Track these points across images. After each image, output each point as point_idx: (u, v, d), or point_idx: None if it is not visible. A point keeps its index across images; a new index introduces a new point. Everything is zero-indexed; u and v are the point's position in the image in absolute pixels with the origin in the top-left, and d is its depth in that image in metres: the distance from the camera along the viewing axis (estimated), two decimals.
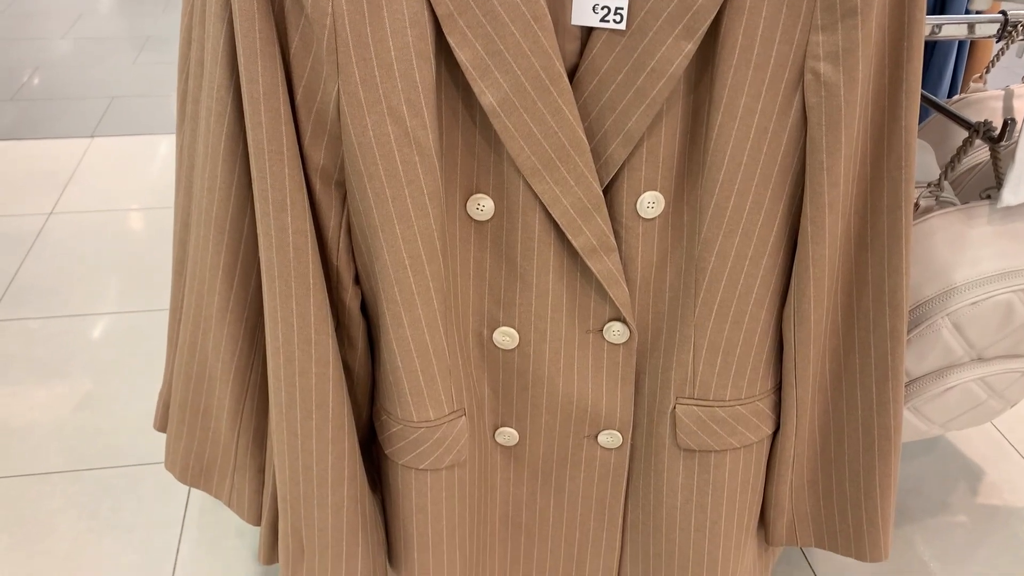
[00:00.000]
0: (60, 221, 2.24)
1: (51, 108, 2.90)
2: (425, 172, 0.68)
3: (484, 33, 0.64)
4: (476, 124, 0.70)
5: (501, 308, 0.78)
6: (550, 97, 0.67)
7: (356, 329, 0.77)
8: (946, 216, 0.92)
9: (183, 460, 0.88)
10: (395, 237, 0.69)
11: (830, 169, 0.70)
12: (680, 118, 0.71)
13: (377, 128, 0.66)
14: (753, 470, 0.84)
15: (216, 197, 0.72)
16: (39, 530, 1.36)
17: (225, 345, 0.78)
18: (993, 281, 0.89)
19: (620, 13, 0.66)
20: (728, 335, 0.77)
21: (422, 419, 0.77)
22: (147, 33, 3.60)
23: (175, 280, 0.84)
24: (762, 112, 0.68)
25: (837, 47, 0.66)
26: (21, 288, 1.96)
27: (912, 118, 0.70)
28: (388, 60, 0.64)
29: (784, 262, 0.76)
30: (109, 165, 2.54)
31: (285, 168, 0.67)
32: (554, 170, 0.70)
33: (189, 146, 0.77)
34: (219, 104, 0.68)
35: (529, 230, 0.74)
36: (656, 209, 0.74)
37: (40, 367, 1.72)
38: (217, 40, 0.66)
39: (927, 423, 1.00)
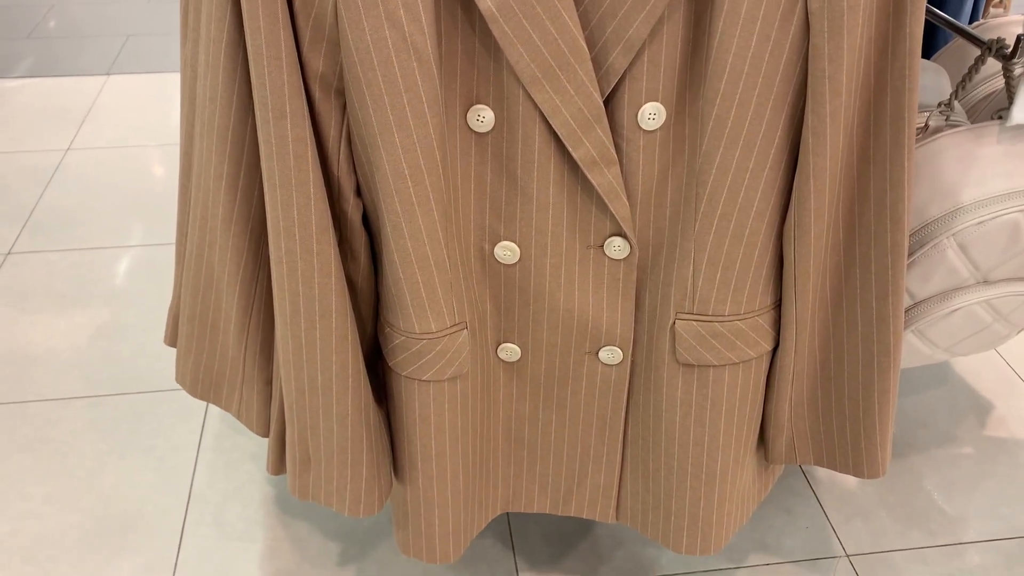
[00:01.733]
0: (77, 157, 2.26)
1: (67, 46, 2.90)
2: (424, 79, 0.68)
3: None
4: (475, 31, 0.70)
5: (502, 222, 0.78)
6: (549, 4, 0.66)
7: (358, 242, 0.78)
8: (955, 135, 0.91)
9: (192, 373, 0.90)
10: (394, 146, 0.70)
11: (832, 78, 0.69)
12: (682, 25, 0.70)
13: (375, 33, 0.65)
14: (752, 386, 0.85)
15: (218, 106, 0.72)
16: (61, 451, 1.40)
17: (231, 256, 0.79)
18: (1000, 201, 0.88)
19: None
20: (728, 250, 0.77)
21: (424, 331, 0.78)
22: None
23: (181, 193, 0.85)
24: (764, 19, 0.67)
25: None
26: (40, 221, 1.99)
27: (917, 26, 0.69)
28: None
29: (785, 175, 0.75)
30: (125, 102, 2.54)
31: (284, 75, 0.67)
32: (554, 79, 0.69)
33: (191, 57, 0.77)
34: (218, 10, 0.68)
35: (529, 142, 0.74)
36: (657, 121, 0.73)
37: (59, 297, 1.75)
38: None
39: (931, 347, 1.00)
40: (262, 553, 1.23)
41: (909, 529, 1.27)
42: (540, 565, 1.20)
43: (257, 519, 1.28)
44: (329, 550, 1.23)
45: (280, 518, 1.28)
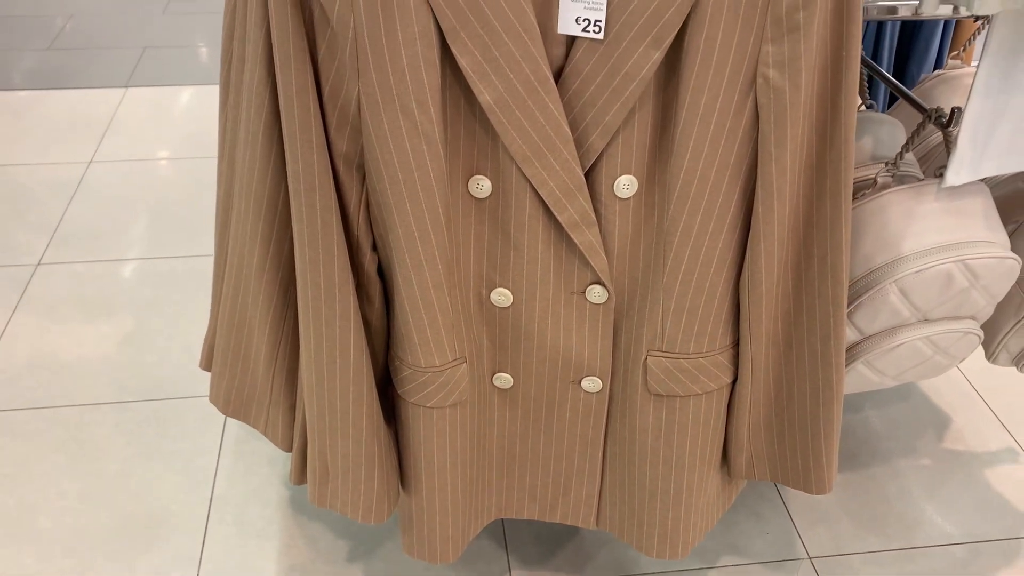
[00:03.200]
0: (100, 169, 2.38)
1: (86, 57, 3.02)
2: (432, 159, 0.80)
3: (482, 43, 0.76)
4: (476, 117, 0.82)
5: (497, 272, 0.91)
6: (538, 96, 0.79)
7: (373, 288, 0.90)
8: (899, 193, 1.03)
9: (225, 396, 1.03)
10: (406, 213, 0.82)
11: (778, 159, 0.82)
12: (651, 112, 0.83)
13: (391, 123, 0.78)
14: (715, 414, 0.98)
15: (256, 176, 0.85)
16: (91, 452, 1.53)
17: (262, 300, 0.91)
18: (936, 252, 1.00)
19: (599, 25, 0.77)
20: (692, 298, 0.89)
21: (429, 365, 0.91)
22: None
23: (218, 241, 0.97)
24: (720, 110, 0.80)
25: (784, 57, 0.77)
26: (67, 233, 2.11)
27: (851, 116, 0.81)
28: (401, 66, 0.76)
29: (740, 237, 0.88)
30: (144, 115, 2.66)
31: (314, 155, 0.80)
32: (542, 157, 0.82)
33: (231, 128, 0.89)
34: (258, 98, 0.80)
35: (521, 207, 0.86)
36: (631, 190, 0.86)
37: (87, 307, 1.88)
38: (257, 44, 0.78)
39: (880, 376, 1.13)
40: (279, 550, 1.36)
41: (868, 534, 1.40)
42: (531, 564, 1.33)
43: (275, 518, 1.41)
44: (340, 548, 1.36)
45: (295, 518, 1.41)
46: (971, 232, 1.02)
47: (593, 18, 0.77)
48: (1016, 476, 1.50)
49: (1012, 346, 1.20)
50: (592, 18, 0.77)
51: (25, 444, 1.54)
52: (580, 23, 0.78)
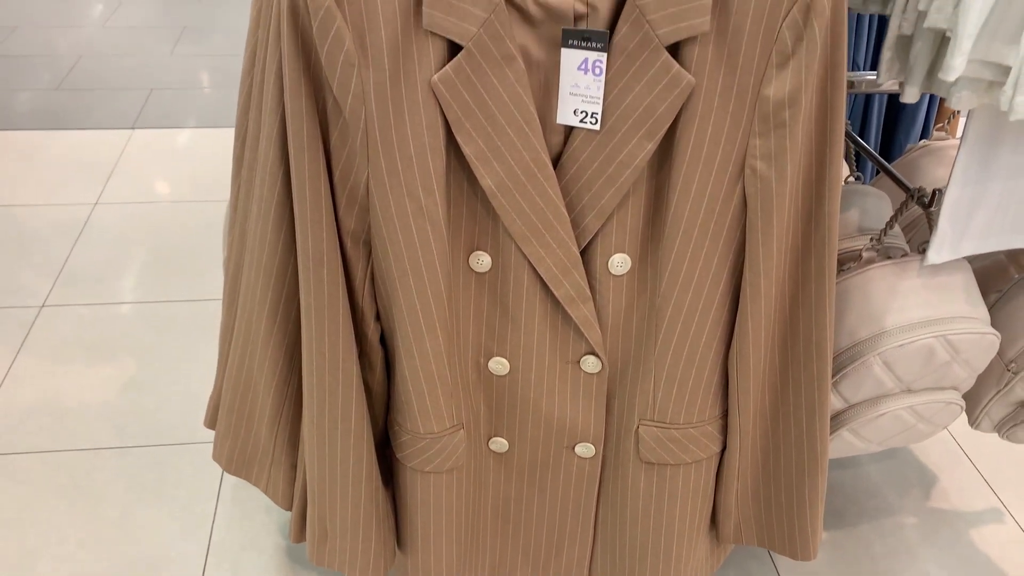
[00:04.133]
0: (105, 211, 2.42)
1: (93, 98, 3.07)
2: (435, 238, 0.84)
3: (485, 133, 0.80)
4: (478, 198, 0.87)
5: (496, 342, 0.94)
6: (537, 182, 0.83)
7: (376, 356, 0.94)
8: (883, 268, 1.07)
9: (228, 454, 1.06)
10: (409, 288, 0.86)
11: (765, 244, 0.86)
12: (644, 196, 0.87)
13: (398, 205, 0.82)
14: (703, 481, 1.01)
15: (266, 249, 0.88)
16: (91, 498, 1.55)
17: (268, 365, 0.95)
18: (918, 327, 1.04)
19: (595, 117, 0.82)
20: (682, 371, 0.93)
21: (427, 431, 0.94)
22: (184, 23, 3.76)
23: (226, 306, 1.01)
24: (710, 197, 0.84)
25: (770, 150, 0.81)
26: (72, 275, 2.15)
27: (834, 204, 0.85)
28: (408, 154, 0.80)
29: (728, 314, 0.92)
30: (149, 157, 2.71)
31: (323, 232, 0.84)
32: (540, 237, 0.86)
33: (244, 201, 0.93)
34: (271, 178, 0.84)
35: (519, 282, 0.90)
36: (624, 268, 0.90)
37: (90, 350, 1.91)
38: (272, 128, 0.83)
39: (865, 442, 1.16)
40: None
41: None
42: None
43: (270, 566, 1.43)
44: None
45: (291, 567, 1.43)
46: (952, 308, 1.06)
47: (590, 111, 0.82)
48: (1001, 536, 1.53)
49: (994, 413, 1.24)
50: (589, 111, 0.82)
51: (26, 489, 1.56)
52: (578, 115, 0.83)
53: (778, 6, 0.76)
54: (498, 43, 0.77)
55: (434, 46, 0.77)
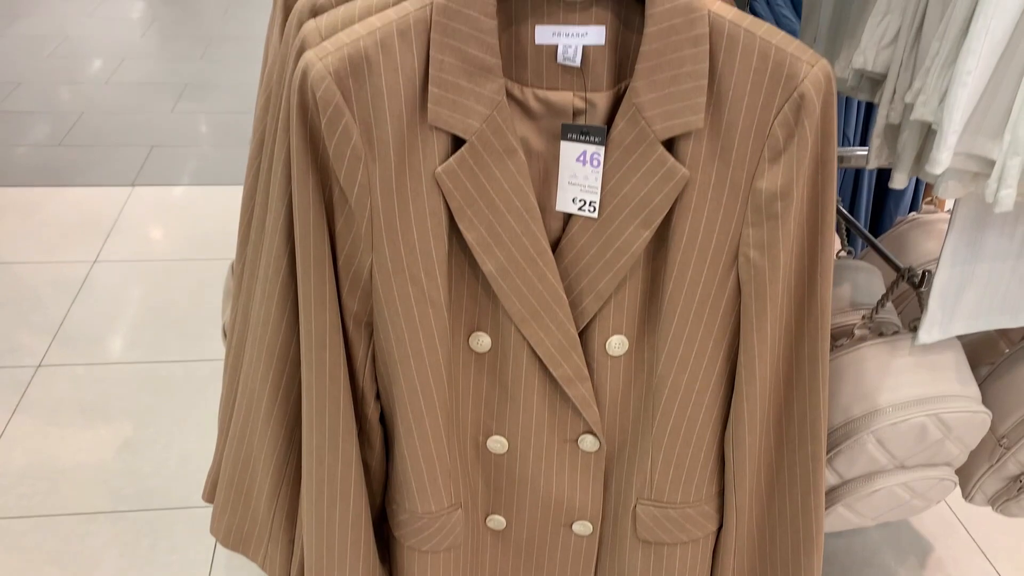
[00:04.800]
0: (104, 269, 2.44)
1: (95, 155, 3.11)
2: (436, 321, 0.86)
3: (486, 220, 0.83)
4: (479, 281, 0.88)
5: (494, 420, 0.95)
6: (537, 267, 0.85)
7: (375, 435, 0.95)
8: (875, 347, 1.09)
9: (226, 528, 1.06)
10: (410, 369, 0.87)
11: (759, 329, 0.87)
12: (641, 280, 0.89)
13: (400, 290, 0.84)
14: (700, 559, 1.01)
15: (270, 330, 0.90)
16: (85, 565, 1.54)
17: (268, 442, 0.96)
18: (910, 406, 1.05)
19: (593, 205, 0.84)
20: (679, 451, 0.94)
21: (425, 511, 0.95)
22: (185, 80, 3.82)
23: (228, 382, 1.02)
24: (705, 283, 0.86)
25: (763, 239, 0.83)
26: (69, 334, 2.16)
27: (826, 291, 0.87)
28: (411, 241, 0.82)
29: (724, 395, 0.93)
30: (149, 214, 2.74)
31: (326, 316, 0.85)
32: (539, 319, 0.87)
33: (248, 282, 0.95)
34: (276, 261, 0.86)
35: (519, 362, 0.91)
36: (622, 349, 0.91)
37: (86, 411, 1.91)
38: (278, 214, 0.85)
39: (860, 517, 1.17)
40: None
41: None
42: None
43: None
44: None
45: None
46: (944, 387, 1.07)
47: (588, 199, 0.84)
48: None
49: (987, 488, 1.25)
50: (587, 199, 0.84)
51: (19, 556, 1.55)
52: (576, 203, 0.85)
53: (770, 105, 0.78)
54: (500, 137, 0.80)
55: (438, 139, 0.80)
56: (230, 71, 3.95)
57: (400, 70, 0.77)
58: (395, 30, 0.76)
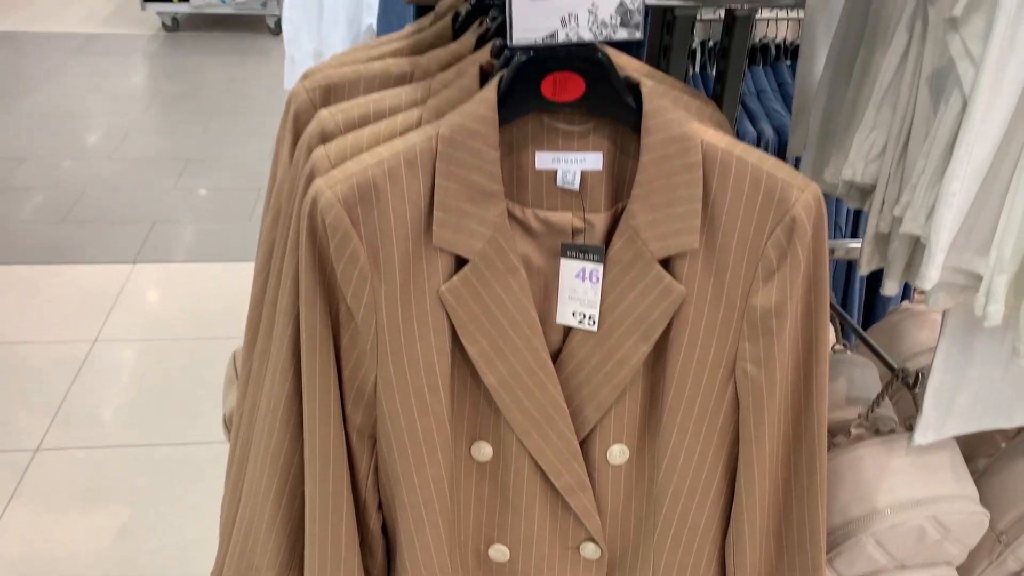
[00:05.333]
0: (104, 348, 2.45)
1: (97, 231, 3.14)
2: (439, 434, 0.87)
3: (488, 335, 0.85)
4: (480, 392, 0.90)
5: (496, 529, 0.96)
6: (538, 379, 0.87)
7: (377, 544, 0.95)
8: (872, 447, 1.10)
9: None
10: (412, 481, 0.88)
11: (758, 439, 0.89)
12: (641, 390, 0.90)
13: (404, 404, 0.85)
14: None
15: (274, 441, 0.91)
16: None
17: (271, 552, 0.96)
18: (908, 508, 1.06)
19: (592, 319, 0.86)
20: (680, 559, 0.94)
21: None
22: (187, 155, 3.88)
23: (231, 489, 1.03)
24: (703, 395, 0.88)
25: (759, 355, 0.85)
26: (68, 416, 2.16)
27: (822, 402, 0.89)
28: (415, 356, 0.84)
29: (724, 503, 0.94)
30: (150, 292, 2.76)
31: (330, 429, 0.86)
32: (540, 430, 0.89)
33: (253, 391, 0.96)
34: (282, 374, 0.88)
35: (520, 471, 0.92)
36: (622, 458, 0.92)
37: (83, 496, 1.90)
38: (285, 328, 0.87)
39: None
40: None
41: None
42: None
43: None
44: None
45: None
46: (941, 488, 1.08)
47: (588, 313, 0.86)
48: None
49: None
50: (587, 313, 0.86)
51: None
52: (576, 316, 0.87)
53: (763, 227, 0.81)
54: (502, 256, 0.82)
55: (442, 259, 0.82)
56: (232, 146, 4.02)
57: (407, 196, 0.80)
58: (402, 160, 0.79)
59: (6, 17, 5.92)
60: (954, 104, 0.86)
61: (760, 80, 1.74)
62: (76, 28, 5.72)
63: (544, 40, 0.74)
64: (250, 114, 4.39)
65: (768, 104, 1.69)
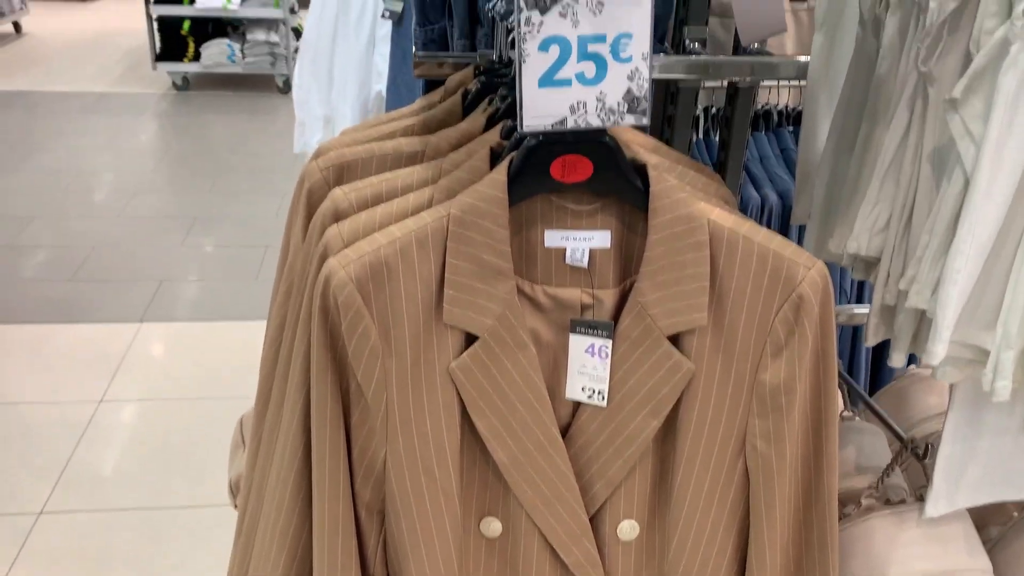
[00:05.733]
0: (109, 409, 2.45)
1: (104, 290, 3.16)
2: (448, 510, 0.87)
3: (498, 411, 0.85)
4: (490, 468, 0.90)
5: None
6: (548, 455, 0.87)
7: None
8: (883, 519, 1.09)
9: None
10: (421, 556, 0.88)
11: (768, 515, 0.88)
12: (651, 466, 0.90)
13: (413, 480, 0.85)
14: None
15: (283, 514, 0.91)
16: None
17: None
18: None
19: (602, 394, 0.87)
20: None
21: None
22: (195, 214, 3.92)
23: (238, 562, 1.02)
24: (714, 469, 0.87)
25: (769, 431, 0.86)
26: (71, 479, 2.15)
27: (832, 478, 0.89)
28: (425, 433, 0.84)
29: None
30: (156, 352, 2.77)
31: (340, 504, 0.86)
32: (550, 506, 0.88)
33: (263, 465, 0.96)
34: (292, 450, 0.88)
35: (530, 548, 0.92)
36: (632, 533, 0.92)
37: (86, 562, 1.88)
38: (296, 403, 0.87)
39: None
40: None
41: None
42: None
43: None
44: None
45: None
46: (954, 560, 1.07)
47: (597, 388, 0.87)
48: None
49: None
50: (596, 388, 0.87)
51: None
52: (585, 391, 0.87)
53: (770, 304, 0.82)
54: (512, 333, 0.83)
55: (452, 336, 0.83)
56: (239, 203, 4.06)
57: (418, 274, 0.81)
58: (414, 239, 0.80)
59: (20, 76, 6.04)
60: (956, 181, 0.88)
61: (763, 146, 1.76)
62: (88, 87, 5.83)
63: (554, 126, 0.75)
64: (258, 172, 4.45)
65: (771, 169, 1.71)
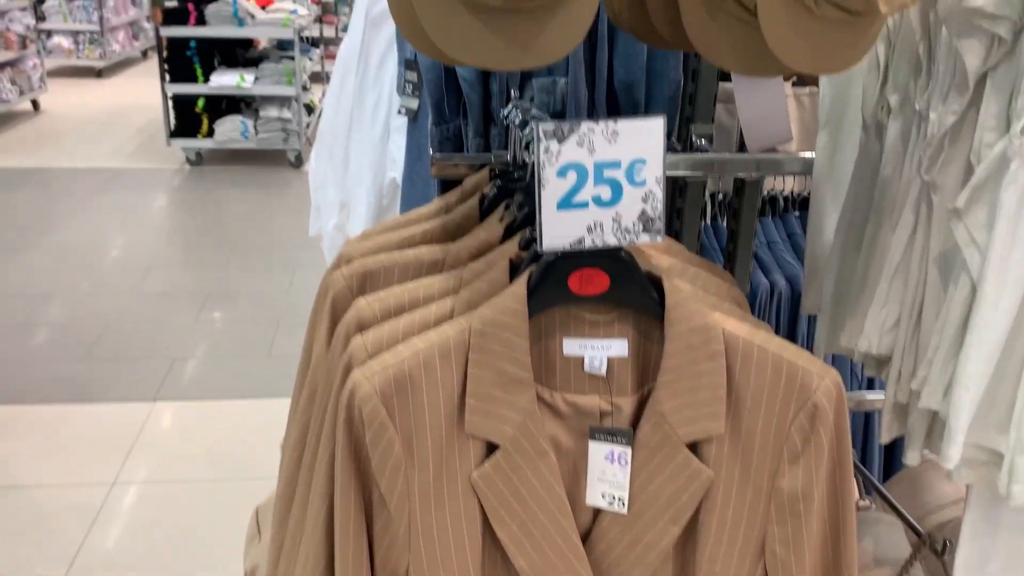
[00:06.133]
0: (122, 491, 2.45)
1: (117, 369, 3.18)
2: None
3: (519, 519, 0.86)
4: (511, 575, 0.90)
5: None
6: (569, 563, 0.87)
7: None
8: None
9: None
10: None
11: None
12: (671, 572, 0.91)
13: None
14: None
15: None
16: None
17: None
18: None
19: (622, 501, 0.88)
20: None
21: None
22: (208, 289, 3.97)
23: None
24: (734, 575, 0.88)
25: (788, 536, 0.86)
26: (84, 566, 2.14)
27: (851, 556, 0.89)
28: (447, 542, 0.85)
29: None
30: (169, 432, 2.77)
31: None
32: None
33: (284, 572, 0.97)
34: (315, 558, 0.89)
35: None
36: None
37: None
38: (319, 512, 0.88)
39: None
40: None
41: None
42: None
43: None
44: None
45: None
46: None
47: (617, 495, 0.88)
48: None
49: None
50: (616, 495, 0.88)
51: None
52: (605, 498, 0.88)
53: (786, 412, 0.84)
54: (532, 441, 0.85)
55: (474, 445, 0.85)
56: (252, 279, 4.10)
57: (440, 386, 0.83)
58: (436, 352, 0.83)
59: (37, 153, 6.17)
60: (963, 287, 0.90)
61: (770, 231, 1.79)
62: (103, 163, 5.95)
63: (572, 246, 0.78)
64: (270, 247, 4.50)
65: (779, 254, 1.74)
